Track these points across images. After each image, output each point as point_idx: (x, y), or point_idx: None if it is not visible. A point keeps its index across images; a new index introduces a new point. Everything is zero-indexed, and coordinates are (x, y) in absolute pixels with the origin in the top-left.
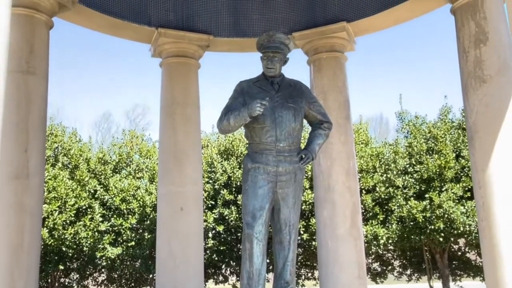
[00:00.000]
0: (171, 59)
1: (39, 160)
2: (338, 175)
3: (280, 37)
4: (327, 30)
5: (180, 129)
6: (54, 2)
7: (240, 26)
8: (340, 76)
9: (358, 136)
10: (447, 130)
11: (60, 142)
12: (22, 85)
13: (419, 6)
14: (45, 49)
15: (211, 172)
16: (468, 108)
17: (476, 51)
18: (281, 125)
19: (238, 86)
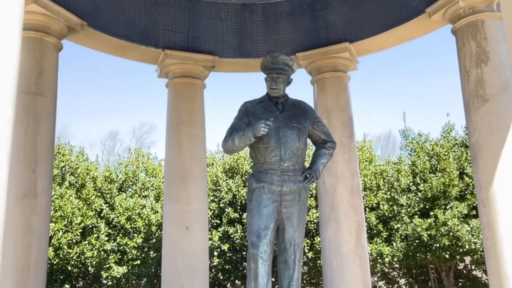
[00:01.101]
0: (177, 79)
1: (47, 180)
2: (342, 194)
3: (283, 59)
4: (330, 50)
5: (185, 148)
6: (63, 26)
7: (244, 47)
8: (343, 95)
9: (362, 154)
10: (450, 148)
11: (67, 161)
12: (31, 106)
13: (420, 26)
14: (54, 71)
15: (216, 191)
16: (470, 126)
17: (478, 70)
18: (285, 144)
19: (242, 107)
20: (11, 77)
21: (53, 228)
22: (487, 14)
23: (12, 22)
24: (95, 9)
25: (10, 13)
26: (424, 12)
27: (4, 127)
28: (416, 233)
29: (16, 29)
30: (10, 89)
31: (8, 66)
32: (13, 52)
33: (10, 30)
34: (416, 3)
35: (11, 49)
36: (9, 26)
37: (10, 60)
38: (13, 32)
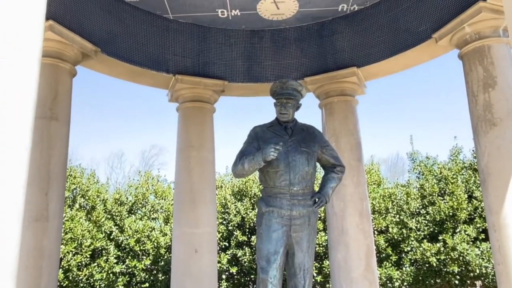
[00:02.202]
0: (187, 103)
1: (59, 203)
2: (351, 217)
3: (292, 84)
4: (337, 75)
5: (195, 171)
6: (78, 52)
7: (253, 72)
8: (351, 119)
9: (370, 177)
10: (458, 171)
11: (78, 184)
12: (45, 131)
13: (427, 51)
14: (68, 96)
15: (224, 213)
16: (479, 150)
17: (485, 95)
18: (294, 169)
19: (252, 131)
20: (30, 108)
21: (63, 250)
22: (494, 39)
23: (33, 56)
24: (109, 36)
25: (31, 45)
26: (431, 38)
27: (22, 155)
28: (425, 257)
29: (35, 64)
30: (28, 119)
31: (28, 97)
32: (32, 83)
33: (31, 63)
34: (423, 29)
35: (31, 81)
36: (30, 58)
37: (29, 91)
38: (33, 65)
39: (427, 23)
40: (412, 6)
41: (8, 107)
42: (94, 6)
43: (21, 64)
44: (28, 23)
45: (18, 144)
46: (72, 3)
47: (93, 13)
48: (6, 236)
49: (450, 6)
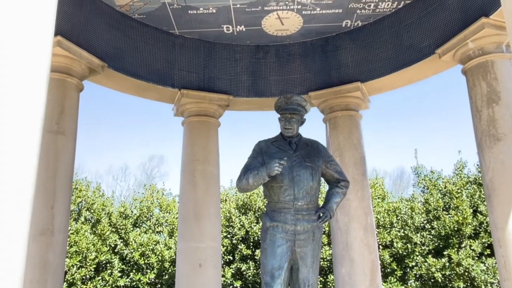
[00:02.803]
0: (192, 118)
1: (64, 217)
2: (356, 232)
3: (297, 99)
4: (342, 90)
5: (200, 186)
6: (85, 67)
7: (258, 86)
8: (355, 133)
9: (374, 191)
10: (463, 185)
11: (84, 197)
12: (51, 145)
13: (431, 67)
14: (74, 111)
15: (229, 227)
16: (484, 165)
17: (489, 110)
18: (299, 184)
19: (257, 146)
20: (37, 127)
21: (68, 263)
22: (497, 55)
23: (41, 75)
24: (116, 52)
25: (40, 61)
26: (434, 53)
27: (29, 173)
28: (431, 273)
29: (44, 81)
30: (36, 138)
31: (36, 117)
32: (40, 100)
33: (39, 79)
34: (426, 44)
35: (39, 98)
36: (39, 75)
37: (37, 111)
38: (41, 82)
39: (430, 39)
40: (415, 22)
41: (16, 123)
42: (102, 22)
43: (30, 81)
44: (37, 39)
45: (25, 161)
46: (80, 19)
47: (100, 29)
48: (13, 252)
49: (453, 22)
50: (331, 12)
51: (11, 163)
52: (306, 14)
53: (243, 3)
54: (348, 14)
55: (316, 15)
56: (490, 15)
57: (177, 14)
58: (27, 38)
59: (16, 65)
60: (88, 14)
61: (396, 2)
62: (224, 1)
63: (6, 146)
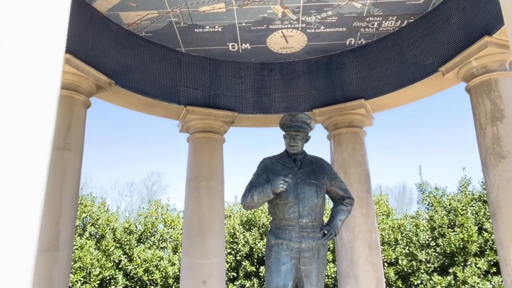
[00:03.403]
0: (197, 134)
1: (69, 232)
2: (360, 249)
3: (302, 117)
4: (346, 107)
5: (204, 202)
6: (93, 84)
7: (263, 103)
8: (359, 150)
9: (379, 208)
10: (468, 202)
11: (89, 212)
12: (58, 161)
13: (434, 85)
14: (81, 127)
15: (233, 243)
16: (489, 183)
17: (493, 128)
18: (303, 201)
19: (261, 163)
20: (47, 145)
21: (72, 279)
22: (500, 73)
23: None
24: (123, 69)
25: (50, 80)
26: (438, 71)
27: (38, 191)
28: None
29: (54, 100)
30: (45, 156)
31: (45, 135)
32: (50, 120)
33: (49, 99)
34: (430, 62)
35: (49, 119)
36: (49, 94)
37: (47, 129)
38: (51, 102)
39: (434, 56)
40: (418, 40)
41: (26, 141)
42: (110, 40)
43: (40, 100)
44: (48, 59)
45: (34, 179)
46: (88, 37)
47: (108, 46)
48: (20, 269)
49: (456, 40)
50: (335, 30)
51: (20, 180)
52: (311, 32)
53: (248, 21)
54: (352, 33)
55: (320, 34)
56: (493, 34)
57: (184, 32)
58: (39, 58)
59: (27, 84)
60: (96, 32)
61: (399, 21)
62: (229, 19)
63: (16, 164)
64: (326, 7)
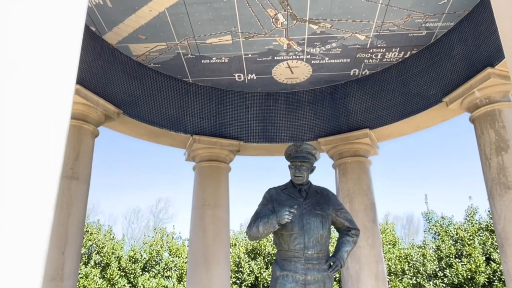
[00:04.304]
0: (203, 163)
1: (75, 262)
2: (367, 280)
3: (307, 148)
4: (350, 136)
5: (210, 231)
6: (101, 114)
7: (268, 132)
8: (364, 179)
9: (385, 237)
10: (475, 232)
11: (94, 240)
12: (65, 190)
13: (438, 115)
14: (89, 156)
15: (238, 272)
16: (495, 214)
17: (498, 158)
18: (309, 232)
19: (267, 193)
20: (55, 176)
21: None
22: (504, 104)
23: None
24: (131, 99)
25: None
26: (441, 102)
27: (45, 228)
28: None
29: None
30: (51, 196)
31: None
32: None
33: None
34: (433, 93)
35: (58, 150)
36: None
37: (56, 160)
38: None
39: (437, 87)
40: (422, 71)
41: (35, 172)
42: (119, 71)
43: (50, 131)
44: (58, 90)
45: (41, 212)
46: (98, 69)
47: (117, 77)
48: None
49: (459, 71)
50: (339, 61)
51: (28, 211)
52: (315, 63)
53: (254, 53)
54: (356, 63)
55: (325, 64)
56: (496, 65)
57: (191, 63)
58: (50, 89)
59: (37, 115)
60: (106, 63)
61: (402, 52)
62: (236, 51)
63: (23, 195)
64: (330, 39)
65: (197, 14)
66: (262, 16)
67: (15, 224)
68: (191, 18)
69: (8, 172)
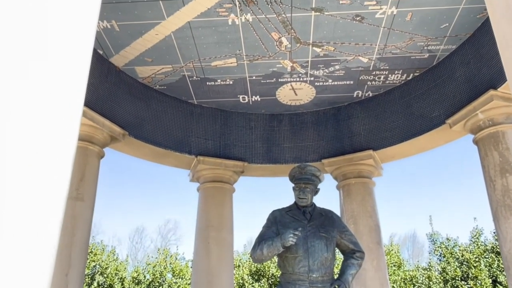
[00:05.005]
0: (208, 184)
1: (78, 284)
2: None
3: (311, 169)
4: (354, 157)
5: (213, 252)
6: (107, 135)
7: (272, 153)
8: (369, 201)
9: (390, 259)
10: (481, 254)
11: (98, 261)
12: (70, 211)
13: (442, 136)
14: (94, 177)
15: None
16: (501, 236)
17: (503, 180)
18: (313, 255)
19: (271, 215)
20: (62, 198)
21: None
22: (507, 125)
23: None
24: (137, 120)
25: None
26: (445, 123)
27: (49, 259)
28: None
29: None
30: (57, 218)
31: (61, 188)
32: (66, 174)
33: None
34: (436, 114)
35: (65, 173)
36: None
37: (63, 182)
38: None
39: (440, 109)
40: (424, 93)
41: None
42: (125, 92)
43: (57, 153)
44: (66, 113)
45: (47, 234)
46: (104, 91)
47: (123, 99)
48: None
49: (462, 93)
50: (343, 83)
51: (33, 234)
52: (319, 85)
53: (259, 75)
54: (359, 85)
55: (328, 86)
56: (498, 88)
57: (196, 85)
58: (58, 113)
59: (44, 138)
60: (112, 85)
61: (405, 74)
62: (240, 73)
63: (29, 217)
64: (334, 62)
65: (202, 38)
66: (266, 39)
67: (21, 247)
68: (197, 41)
69: (15, 193)
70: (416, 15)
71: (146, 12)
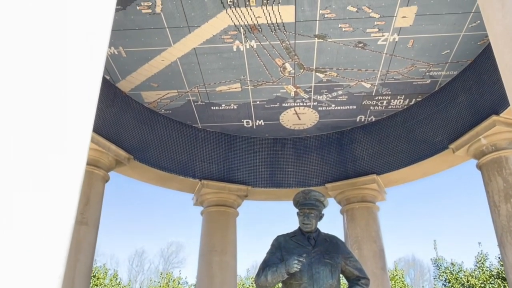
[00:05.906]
0: (211, 208)
1: None
2: None
3: (315, 195)
4: (358, 182)
5: (217, 277)
6: (112, 159)
7: (276, 177)
8: (373, 225)
9: (394, 284)
10: (486, 279)
11: (101, 285)
12: (74, 235)
13: (445, 161)
14: (99, 201)
15: None
16: (507, 262)
17: (507, 205)
18: (318, 281)
19: (275, 241)
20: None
21: None
22: (510, 151)
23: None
24: (142, 145)
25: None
26: (448, 148)
27: (55, 283)
28: None
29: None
30: (63, 251)
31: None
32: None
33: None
34: (439, 139)
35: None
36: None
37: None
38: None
39: (443, 134)
40: (427, 118)
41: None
42: (130, 117)
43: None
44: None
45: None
46: (111, 115)
47: (129, 123)
48: None
49: (464, 118)
50: (346, 108)
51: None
52: (322, 110)
53: (263, 100)
54: (362, 110)
55: (331, 111)
56: (500, 113)
57: (201, 110)
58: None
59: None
60: (118, 110)
61: (407, 99)
62: (244, 98)
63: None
64: (337, 87)
65: (207, 63)
66: (270, 65)
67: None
68: (202, 67)
69: (22, 218)
70: (417, 42)
71: (152, 39)
